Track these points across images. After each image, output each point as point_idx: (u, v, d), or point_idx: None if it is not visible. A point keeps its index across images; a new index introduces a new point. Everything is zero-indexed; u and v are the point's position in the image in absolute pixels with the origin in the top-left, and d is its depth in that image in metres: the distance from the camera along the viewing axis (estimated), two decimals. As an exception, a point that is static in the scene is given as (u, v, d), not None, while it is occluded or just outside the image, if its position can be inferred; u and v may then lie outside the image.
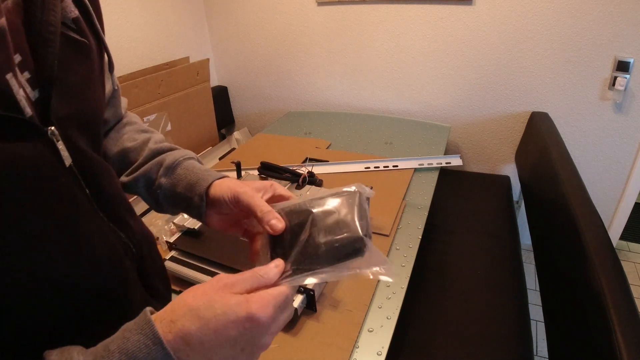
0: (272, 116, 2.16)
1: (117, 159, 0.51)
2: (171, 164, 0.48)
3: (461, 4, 1.50)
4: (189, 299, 0.31)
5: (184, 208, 0.48)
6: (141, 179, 0.49)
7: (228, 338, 0.30)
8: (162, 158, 0.50)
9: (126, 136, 0.53)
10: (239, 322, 0.30)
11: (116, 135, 0.53)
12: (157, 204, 0.51)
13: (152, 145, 0.51)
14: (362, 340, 0.69)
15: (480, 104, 1.65)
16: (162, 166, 0.49)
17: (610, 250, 0.74)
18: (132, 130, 0.54)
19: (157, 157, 0.50)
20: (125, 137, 0.52)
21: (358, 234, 0.37)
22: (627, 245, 1.85)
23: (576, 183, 0.96)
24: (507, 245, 1.25)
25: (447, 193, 1.52)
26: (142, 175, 0.49)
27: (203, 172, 0.47)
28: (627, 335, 0.58)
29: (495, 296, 1.05)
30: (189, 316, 0.29)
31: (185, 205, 0.47)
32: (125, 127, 0.54)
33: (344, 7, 1.70)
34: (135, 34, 1.64)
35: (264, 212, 0.39)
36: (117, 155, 0.51)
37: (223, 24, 2.01)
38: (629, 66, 1.35)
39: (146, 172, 0.49)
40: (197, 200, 0.45)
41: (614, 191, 1.59)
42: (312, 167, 1.14)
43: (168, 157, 0.49)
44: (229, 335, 0.29)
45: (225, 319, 0.29)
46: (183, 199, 0.47)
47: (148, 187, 0.50)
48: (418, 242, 0.93)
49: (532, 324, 1.39)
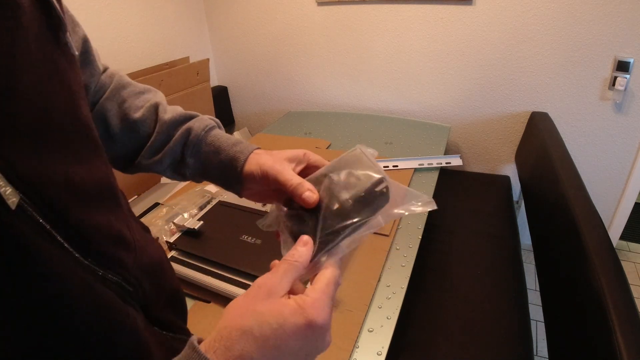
0: (272, 116, 2.16)
1: (124, 132, 0.46)
2: (195, 141, 0.45)
3: (461, 4, 1.50)
4: (238, 319, 0.28)
5: (219, 184, 0.46)
6: (166, 160, 0.46)
7: (291, 350, 0.28)
8: (184, 133, 0.45)
9: (127, 104, 0.47)
10: (300, 332, 0.28)
11: (113, 104, 0.47)
12: (184, 179, 0.48)
13: (166, 117, 0.46)
14: (362, 340, 0.69)
15: (480, 104, 1.65)
16: (187, 145, 0.45)
17: (610, 250, 0.74)
18: (130, 96, 0.48)
19: (177, 131, 0.46)
20: (126, 106, 0.47)
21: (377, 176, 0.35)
22: (627, 245, 1.85)
23: (576, 183, 0.96)
24: (507, 245, 1.25)
25: (447, 193, 1.52)
26: (167, 156, 0.46)
27: (232, 149, 0.43)
28: (627, 335, 0.58)
29: (495, 296, 1.05)
30: (244, 339, 0.27)
31: (221, 183, 0.45)
32: (120, 92, 0.48)
33: (344, 7, 1.70)
34: (135, 34, 1.64)
35: (294, 185, 0.36)
36: (125, 128, 0.46)
37: (223, 24, 2.01)
38: (629, 66, 1.35)
39: (171, 152, 0.45)
40: (234, 181, 0.43)
41: (614, 191, 1.59)
42: (312, 167, 1.13)
43: (191, 133, 0.45)
44: (291, 347, 0.28)
45: (284, 333, 0.27)
46: (217, 178, 0.45)
47: (174, 167, 0.46)
48: (418, 242, 0.93)
49: (532, 324, 1.39)
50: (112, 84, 0.48)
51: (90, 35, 0.46)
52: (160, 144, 0.46)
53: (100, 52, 0.49)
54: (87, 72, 0.45)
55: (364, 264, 0.86)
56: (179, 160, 0.46)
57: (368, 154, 0.38)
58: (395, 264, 0.86)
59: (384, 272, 0.84)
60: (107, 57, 1.53)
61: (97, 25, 1.45)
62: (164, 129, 0.46)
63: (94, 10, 1.43)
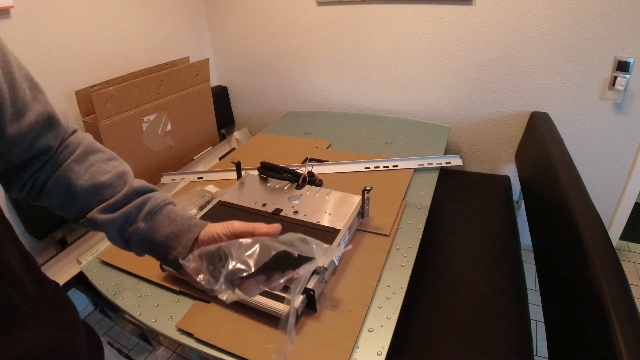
0: (272, 116, 2.16)
1: (87, 193, 0.47)
2: (153, 208, 0.48)
3: (461, 4, 1.50)
4: None
5: (160, 255, 0.48)
6: (118, 220, 0.47)
7: None
8: (143, 200, 0.48)
9: (95, 168, 0.48)
10: None
11: (80, 167, 0.48)
12: (126, 245, 0.49)
13: (133, 183, 0.49)
14: (362, 340, 0.69)
15: (480, 104, 1.65)
16: (143, 210, 0.47)
17: (610, 250, 0.74)
18: (99, 161, 0.49)
19: (139, 198, 0.48)
20: (94, 170, 0.48)
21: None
22: (627, 245, 1.85)
23: (576, 183, 0.96)
24: (507, 245, 1.25)
25: (447, 193, 1.52)
26: (122, 216, 0.47)
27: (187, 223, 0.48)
28: (627, 335, 0.58)
29: (495, 296, 1.05)
30: None
31: (164, 253, 0.47)
32: (89, 156, 0.49)
33: (344, 7, 1.70)
34: (135, 34, 1.64)
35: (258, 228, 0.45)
36: (89, 189, 0.47)
37: (223, 24, 2.01)
38: (629, 66, 1.35)
39: (125, 214, 0.47)
40: (181, 249, 0.46)
41: (614, 191, 1.59)
42: (312, 167, 1.14)
43: (150, 201, 0.48)
44: None
45: None
46: (163, 248, 0.47)
47: (124, 228, 0.48)
48: (418, 242, 0.93)
49: (532, 324, 1.39)
50: (80, 147, 0.50)
51: (91, 36, 0.47)
52: (119, 205, 0.47)
53: (100, 53, 0.50)
54: (51, 135, 0.47)
55: (364, 264, 0.86)
56: (131, 224, 0.48)
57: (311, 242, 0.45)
58: (395, 264, 0.86)
59: (384, 272, 0.84)
60: (108, 57, 1.53)
61: (97, 25, 1.45)
62: (128, 193, 0.48)
63: (94, 11, 1.43)
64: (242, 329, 0.71)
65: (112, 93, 1.30)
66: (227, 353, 0.68)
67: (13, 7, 1.20)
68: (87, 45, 1.44)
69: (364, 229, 0.96)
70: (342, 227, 0.85)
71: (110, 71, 1.54)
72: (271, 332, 0.70)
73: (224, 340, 0.69)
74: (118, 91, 1.32)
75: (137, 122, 1.44)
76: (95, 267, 0.91)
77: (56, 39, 1.34)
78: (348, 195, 0.97)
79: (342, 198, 0.96)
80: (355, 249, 0.90)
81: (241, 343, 0.68)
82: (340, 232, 0.84)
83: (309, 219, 0.88)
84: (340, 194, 0.98)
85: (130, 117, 1.40)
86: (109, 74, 1.52)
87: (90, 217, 0.47)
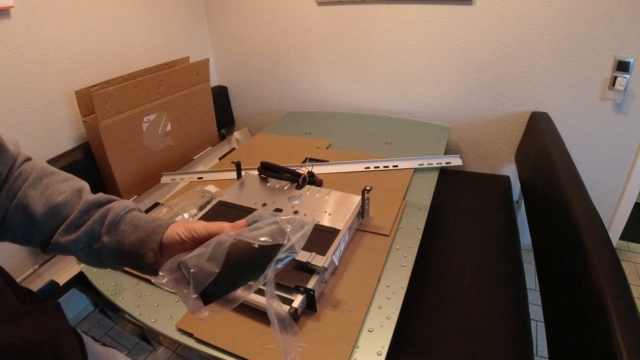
0: (272, 116, 2.16)
1: (47, 216, 0.46)
2: (114, 219, 0.47)
3: (461, 4, 1.50)
4: None
5: (134, 264, 0.47)
6: (82, 239, 0.46)
7: None
8: (103, 213, 0.47)
9: (50, 190, 0.47)
10: None
11: (36, 192, 0.46)
12: (99, 261, 0.48)
13: (88, 197, 0.47)
14: (362, 340, 0.69)
15: (480, 104, 1.65)
16: (105, 223, 0.46)
17: (610, 250, 0.74)
18: (54, 182, 0.48)
19: (96, 211, 0.47)
20: (49, 192, 0.47)
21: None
22: (627, 245, 1.85)
23: (576, 183, 0.96)
24: (507, 245, 1.25)
25: (447, 193, 1.52)
26: (85, 234, 0.46)
27: (150, 225, 0.47)
28: (627, 335, 0.58)
29: (495, 296, 1.05)
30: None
31: (136, 262, 0.46)
32: (43, 180, 0.48)
33: (344, 7, 1.70)
34: (135, 34, 1.64)
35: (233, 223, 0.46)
36: (47, 213, 0.46)
37: (223, 24, 2.01)
38: (629, 66, 1.35)
39: (88, 232, 0.46)
40: (151, 256, 0.45)
41: (614, 191, 1.59)
42: (312, 167, 1.14)
43: (110, 213, 0.47)
44: None
45: None
46: (133, 256, 0.46)
47: (90, 246, 0.46)
48: (418, 242, 0.93)
49: (532, 324, 1.39)
50: (33, 172, 0.49)
51: (91, 36, 0.47)
52: (78, 222, 0.46)
53: (100, 53, 0.49)
54: None
55: (364, 264, 0.86)
56: (96, 240, 0.46)
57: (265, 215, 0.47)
58: (395, 264, 0.86)
59: (384, 272, 0.84)
60: (108, 57, 1.53)
61: (97, 25, 1.45)
62: (84, 207, 0.47)
63: (94, 11, 1.43)
64: (242, 329, 0.71)
65: (112, 93, 1.30)
66: (227, 353, 0.68)
67: (13, 7, 1.20)
68: (87, 45, 1.44)
69: (364, 229, 0.96)
70: (342, 227, 0.85)
71: (110, 71, 1.54)
72: (271, 332, 0.70)
73: (223, 340, 0.69)
74: (118, 91, 1.32)
75: (137, 122, 1.44)
76: (95, 267, 0.91)
77: (56, 39, 1.34)
78: (348, 195, 0.97)
79: (342, 198, 0.96)
80: (355, 249, 0.90)
81: (241, 343, 0.69)
82: (340, 232, 0.84)
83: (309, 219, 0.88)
84: (340, 194, 0.98)
85: (130, 117, 1.40)
86: (109, 74, 1.52)
87: (54, 242, 0.46)
